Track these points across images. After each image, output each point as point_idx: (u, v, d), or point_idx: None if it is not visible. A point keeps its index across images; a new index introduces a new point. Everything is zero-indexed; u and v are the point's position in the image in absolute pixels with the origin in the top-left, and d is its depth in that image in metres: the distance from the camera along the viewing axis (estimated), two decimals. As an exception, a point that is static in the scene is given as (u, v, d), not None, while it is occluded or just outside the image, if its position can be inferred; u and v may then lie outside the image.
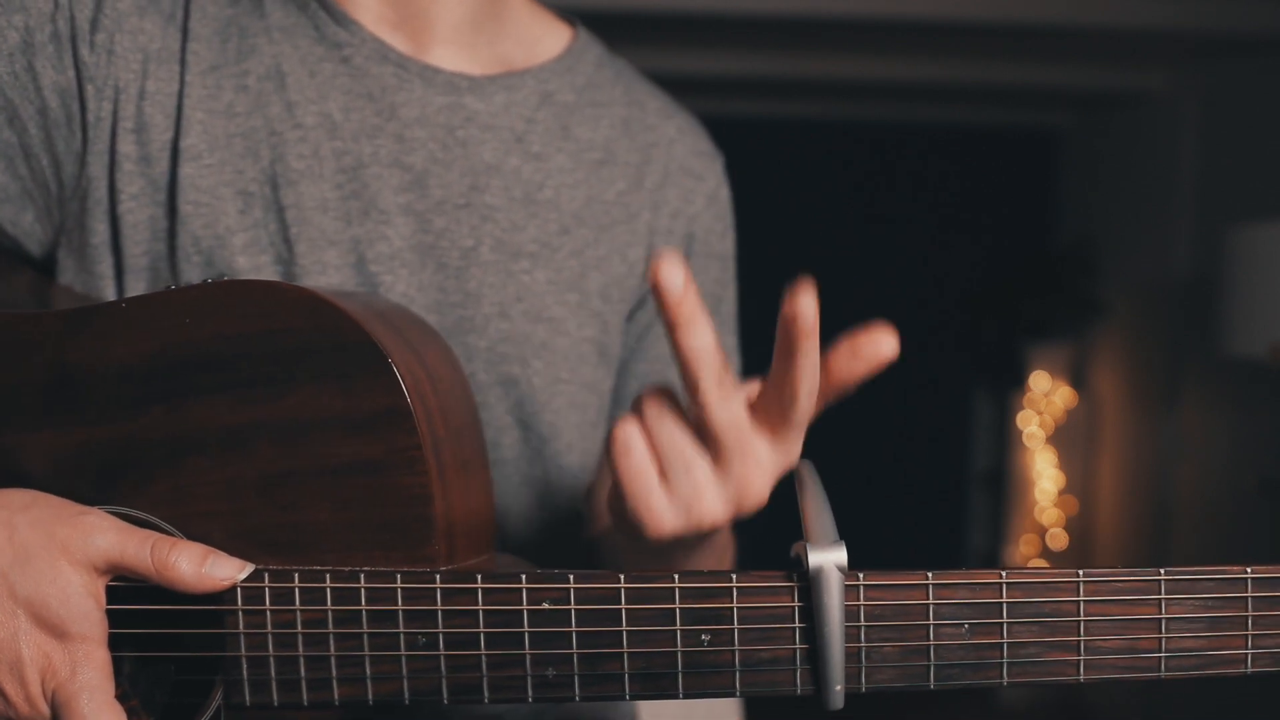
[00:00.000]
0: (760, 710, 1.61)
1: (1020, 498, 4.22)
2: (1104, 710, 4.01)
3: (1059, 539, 4.14)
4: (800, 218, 4.48)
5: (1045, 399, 4.15)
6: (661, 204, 0.96)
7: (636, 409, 0.66)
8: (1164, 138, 3.79)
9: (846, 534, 0.62)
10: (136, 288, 0.82)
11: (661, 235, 0.96)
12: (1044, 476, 4.13)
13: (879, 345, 0.65)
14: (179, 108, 0.82)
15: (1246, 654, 0.64)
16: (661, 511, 0.64)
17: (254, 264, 0.82)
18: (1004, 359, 4.37)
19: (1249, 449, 3.27)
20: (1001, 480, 4.34)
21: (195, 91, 0.82)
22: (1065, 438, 4.12)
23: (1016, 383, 4.26)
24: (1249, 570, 0.64)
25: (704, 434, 0.64)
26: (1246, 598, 0.64)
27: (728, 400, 0.63)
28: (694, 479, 0.64)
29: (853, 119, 4.41)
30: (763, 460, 0.65)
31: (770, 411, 0.65)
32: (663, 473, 0.65)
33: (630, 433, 0.65)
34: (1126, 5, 3.04)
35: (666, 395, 0.66)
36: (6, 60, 0.78)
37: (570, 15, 0.98)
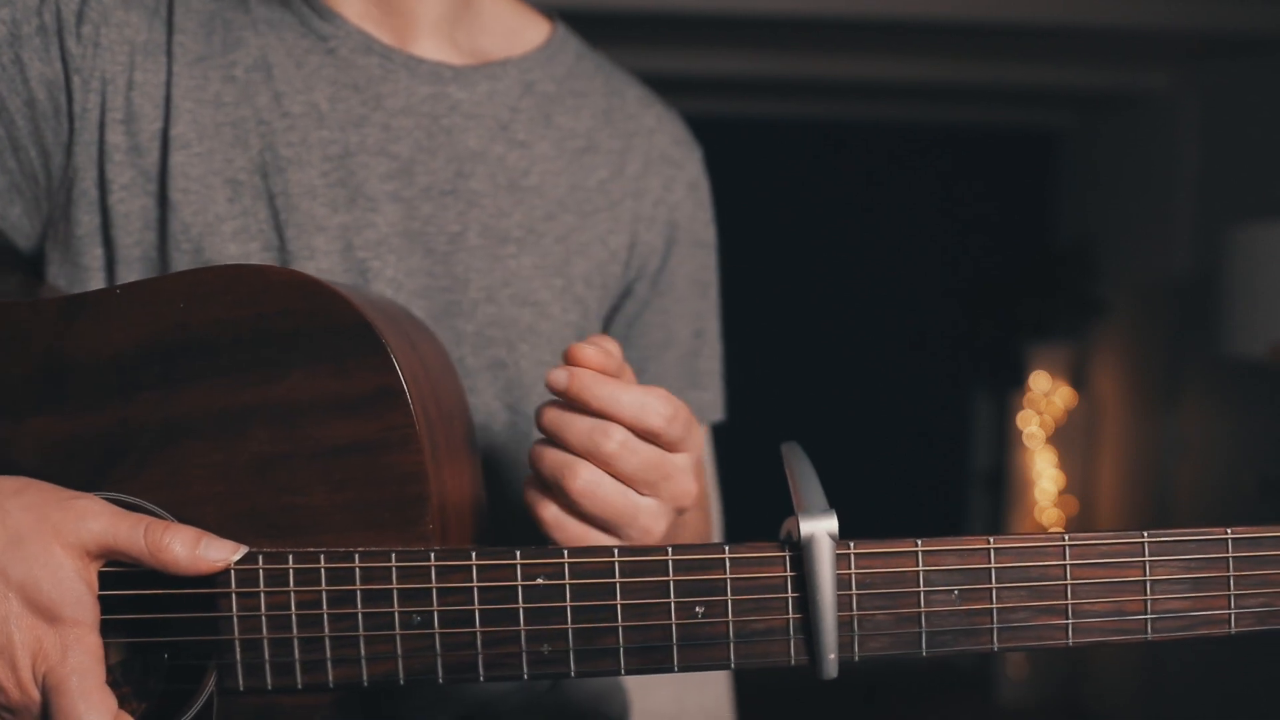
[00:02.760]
0: (752, 704, 1.61)
1: (1020, 498, 4.21)
2: (1104, 710, 4.01)
3: (1059, 539, 4.13)
4: (800, 218, 4.48)
5: (1045, 399, 4.14)
6: (643, 192, 0.98)
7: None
8: (1164, 138, 3.79)
9: (846, 533, 0.63)
10: (129, 278, 0.83)
11: (644, 222, 0.98)
12: (1044, 476, 4.12)
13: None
14: (167, 97, 0.83)
15: (1230, 614, 0.65)
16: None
17: (243, 251, 0.83)
18: (1004, 359, 4.36)
19: (1249, 449, 3.27)
20: (1001, 480, 4.33)
21: (183, 82, 0.83)
22: (1065, 438, 4.12)
23: (1016, 383, 4.25)
24: (1229, 531, 0.65)
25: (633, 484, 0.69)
26: (1227, 558, 0.65)
27: (640, 450, 0.68)
28: (641, 524, 0.69)
29: (853, 119, 4.41)
30: (682, 464, 0.70)
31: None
32: (609, 529, 0.69)
33: (557, 514, 0.70)
34: (1126, 5, 3.04)
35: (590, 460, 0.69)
36: None
37: (549, 10, 1.00)
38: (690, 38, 3.45)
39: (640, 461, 0.68)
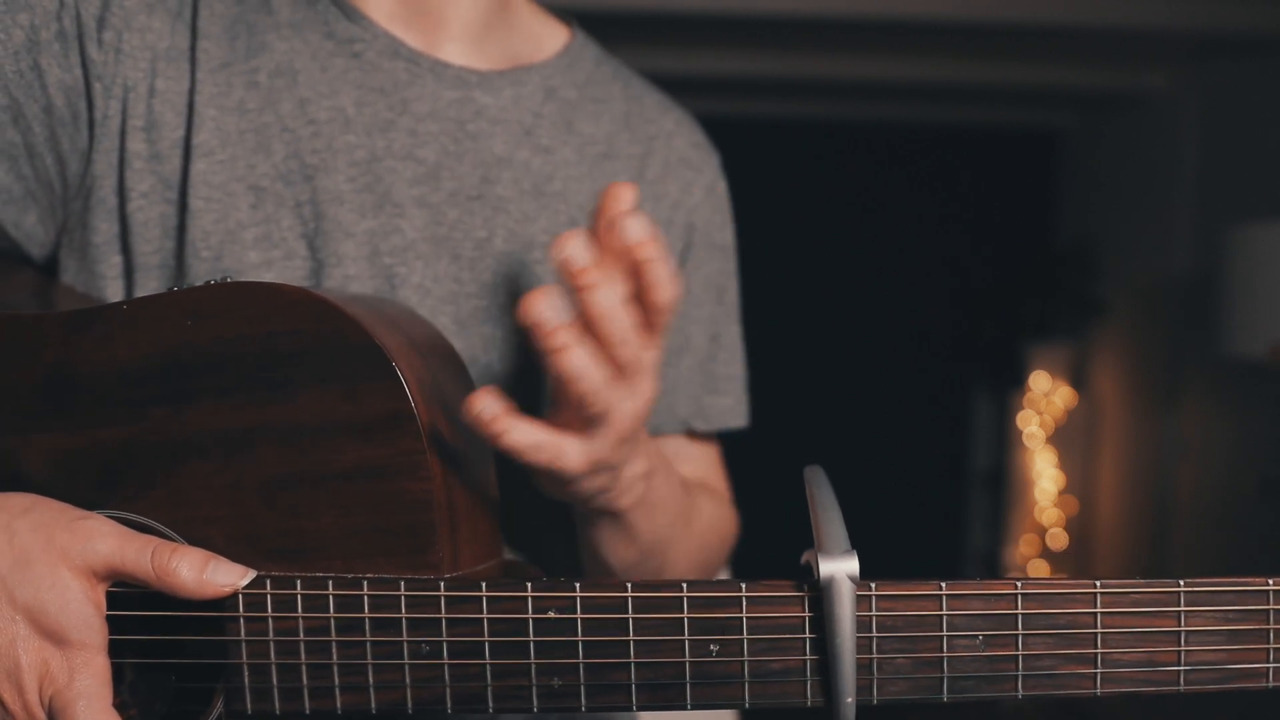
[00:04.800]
0: (759, 714, 1.61)
1: (1020, 498, 4.22)
2: (1104, 710, 4.01)
3: (1059, 539, 4.14)
4: (801, 218, 4.48)
5: (1045, 399, 4.14)
6: (662, 196, 0.98)
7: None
8: (1164, 138, 3.78)
9: (850, 534, 0.62)
10: (148, 286, 0.82)
11: (662, 226, 0.98)
12: (1044, 476, 4.12)
13: (618, 199, 0.68)
14: (190, 105, 0.82)
15: (1268, 668, 0.63)
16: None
17: (265, 259, 0.82)
18: (1004, 359, 4.37)
19: (1249, 449, 3.27)
20: (1001, 480, 4.34)
21: (206, 89, 0.82)
22: (1065, 438, 4.12)
23: (1016, 383, 4.25)
24: (1270, 582, 0.63)
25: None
26: (1268, 610, 0.63)
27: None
28: (637, 390, 0.69)
29: (853, 119, 4.40)
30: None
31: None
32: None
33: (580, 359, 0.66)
34: (1126, 5, 3.04)
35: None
36: (12, 59, 0.77)
37: (567, 15, 1.00)
38: (691, 38, 3.44)
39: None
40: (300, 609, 0.64)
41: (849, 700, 0.61)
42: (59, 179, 0.81)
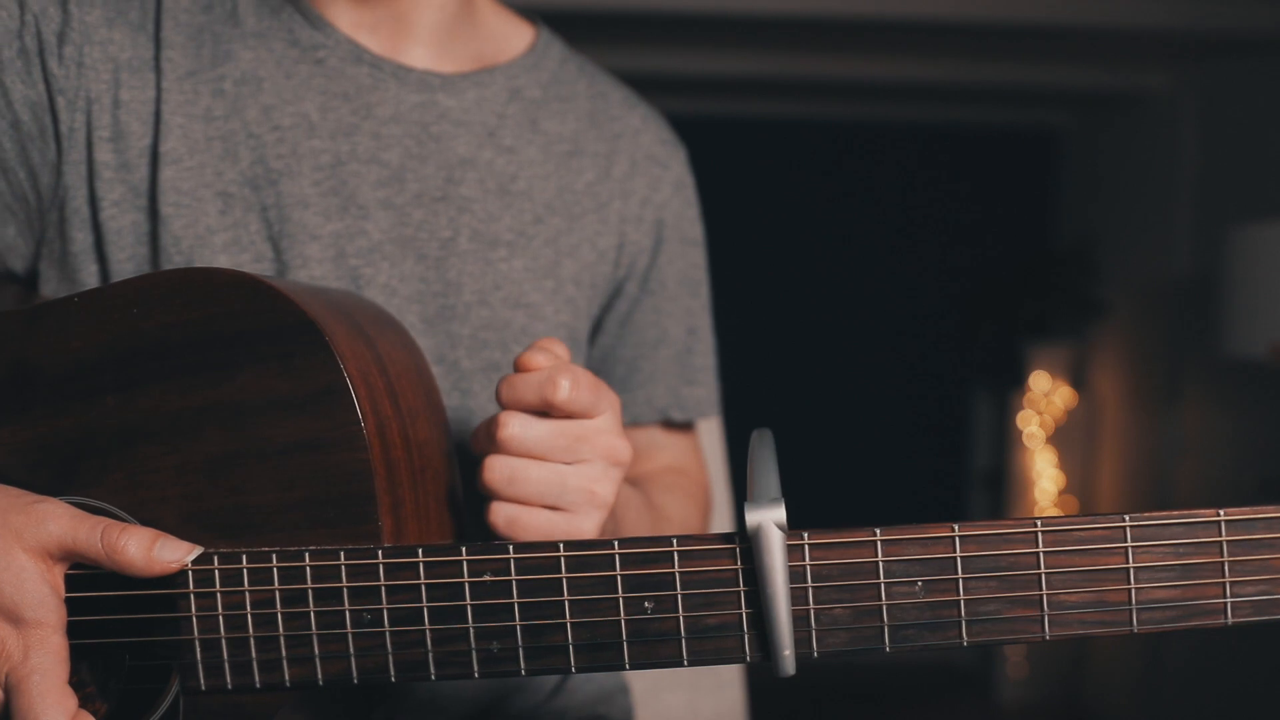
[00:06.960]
0: (764, 708, 1.61)
1: (1020, 498, 4.20)
2: (1104, 710, 4.00)
3: (1060, 540, 4.12)
4: (800, 218, 4.48)
5: (1045, 399, 4.13)
6: (631, 193, 0.99)
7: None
8: (1164, 138, 3.77)
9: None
10: None
11: (632, 223, 0.99)
12: (1044, 476, 4.11)
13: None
14: (156, 114, 0.84)
15: (1225, 603, 0.59)
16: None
17: (235, 263, 0.85)
18: (1004, 359, 4.36)
19: (1249, 449, 3.26)
20: (1001, 480, 4.32)
21: (172, 97, 0.84)
22: (1065, 438, 4.11)
23: (1016, 383, 4.24)
24: (1221, 513, 0.59)
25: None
26: (1220, 542, 0.59)
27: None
28: (576, 487, 0.72)
29: (853, 119, 4.41)
30: (596, 426, 0.73)
31: None
32: (555, 506, 0.72)
33: (506, 514, 0.72)
34: (1126, 5, 3.03)
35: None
36: None
37: (531, 14, 1.01)
38: (689, 37, 3.45)
39: (542, 434, 0.70)
40: (246, 583, 0.64)
41: (786, 653, 0.60)
42: (33, 192, 0.83)
